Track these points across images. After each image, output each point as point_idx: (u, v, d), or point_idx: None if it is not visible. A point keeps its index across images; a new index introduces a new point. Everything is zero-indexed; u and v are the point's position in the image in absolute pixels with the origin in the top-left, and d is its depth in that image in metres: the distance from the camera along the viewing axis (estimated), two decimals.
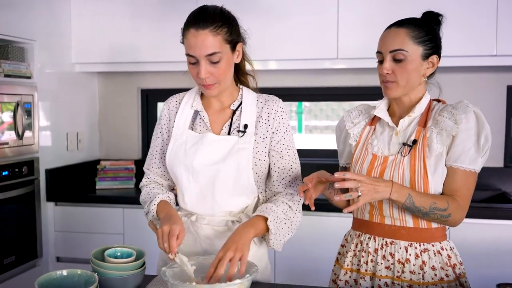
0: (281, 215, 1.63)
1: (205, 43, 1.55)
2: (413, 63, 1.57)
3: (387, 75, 1.59)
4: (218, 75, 1.60)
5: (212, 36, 1.56)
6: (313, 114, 4.81)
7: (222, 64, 1.60)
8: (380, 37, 1.63)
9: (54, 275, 1.42)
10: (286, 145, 1.71)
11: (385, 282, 1.60)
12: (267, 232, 1.61)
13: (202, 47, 1.56)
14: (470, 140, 1.54)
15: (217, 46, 1.57)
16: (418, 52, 1.57)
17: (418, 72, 1.59)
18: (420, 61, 1.58)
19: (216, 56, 1.57)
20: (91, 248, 3.03)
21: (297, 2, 3.03)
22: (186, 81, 3.77)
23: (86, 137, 3.56)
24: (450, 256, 1.60)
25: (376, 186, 1.48)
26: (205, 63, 1.58)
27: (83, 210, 3.10)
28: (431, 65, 1.61)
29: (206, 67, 1.58)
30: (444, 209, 1.52)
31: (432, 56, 1.60)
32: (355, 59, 3.00)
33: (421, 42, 1.57)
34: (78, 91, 3.47)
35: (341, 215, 2.73)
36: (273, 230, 1.60)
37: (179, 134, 1.72)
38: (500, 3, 2.81)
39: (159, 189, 1.79)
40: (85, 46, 3.32)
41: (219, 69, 1.60)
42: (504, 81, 3.24)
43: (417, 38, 1.57)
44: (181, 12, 3.18)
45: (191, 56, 1.59)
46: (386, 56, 1.59)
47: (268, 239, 1.63)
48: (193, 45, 1.57)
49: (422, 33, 1.58)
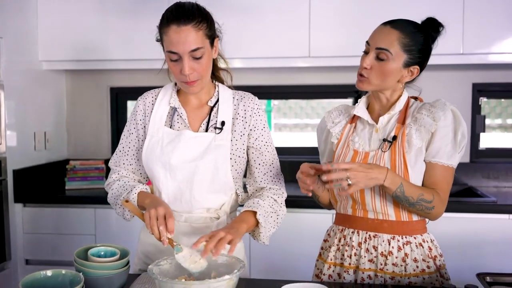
0: (268, 209, 1.66)
1: (188, 39, 1.54)
2: (393, 67, 1.60)
3: (365, 70, 1.63)
4: (201, 70, 1.60)
5: (195, 31, 1.55)
6: (282, 112, 4.83)
7: (204, 60, 1.60)
8: (374, 29, 1.65)
9: (38, 276, 1.38)
10: (265, 141, 1.73)
11: (368, 275, 1.63)
12: (256, 226, 1.63)
13: (186, 43, 1.54)
14: (448, 137, 1.59)
15: (200, 41, 1.56)
16: (401, 58, 1.59)
17: (395, 76, 1.62)
18: (400, 67, 1.61)
19: (199, 51, 1.57)
20: (62, 250, 3.01)
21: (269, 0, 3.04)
22: (157, 79, 3.73)
23: (54, 136, 3.48)
24: (431, 248, 1.65)
25: (368, 173, 1.49)
26: (188, 59, 1.57)
27: (53, 211, 3.03)
28: (410, 74, 1.64)
29: (189, 63, 1.57)
30: (430, 201, 1.57)
31: (414, 66, 1.62)
32: (327, 58, 3.04)
33: (408, 51, 1.59)
34: (45, 89, 3.39)
35: (316, 211, 2.77)
36: (263, 224, 1.62)
37: (155, 131, 1.71)
38: (467, 2, 2.89)
39: (135, 182, 1.75)
40: (52, 43, 3.24)
41: (201, 65, 1.59)
42: (470, 79, 3.34)
43: (406, 46, 1.58)
44: (151, 9, 3.17)
45: (173, 53, 1.57)
46: (372, 50, 1.62)
47: (258, 233, 1.65)
48: (175, 41, 1.55)
49: (413, 42, 1.59)
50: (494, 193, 3.08)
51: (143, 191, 1.67)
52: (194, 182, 1.66)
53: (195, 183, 1.66)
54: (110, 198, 1.78)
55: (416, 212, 1.62)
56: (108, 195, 1.78)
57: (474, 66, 3.18)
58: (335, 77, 3.44)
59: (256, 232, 1.66)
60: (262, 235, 1.65)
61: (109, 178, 1.81)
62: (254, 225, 1.62)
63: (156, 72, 1.80)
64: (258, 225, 1.63)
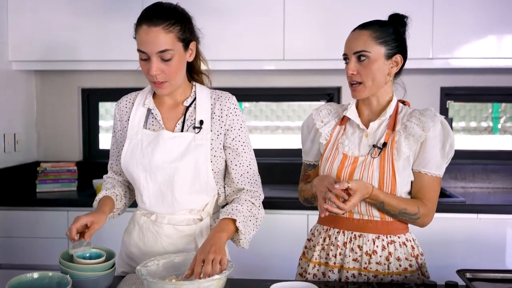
0: (247, 214, 1.65)
1: (156, 40, 1.55)
2: (377, 63, 1.64)
3: (353, 76, 1.66)
4: (169, 73, 1.60)
5: (164, 33, 1.56)
6: (253, 115, 4.86)
7: (174, 62, 1.60)
8: (346, 39, 1.70)
9: (24, 278, 1.37)
10: (242, 142, 1.73)
11: (352, 274, 1.66)
12: (236, 232, 1.63)
13: (154, 44, 1.55)
14: (437, 148, 1.64)
15: (169, 43, 1.57)
16: (381, 52, 1.64)
17: (383, 71, 1.66)
18: (383, 61, 1.65)
19: (168, 53, 1.57)
20: (34, 254, 2.95)
21: (243, 2, 3.05)
22: (129, 80, 3.72)
23: (24, 138, 3.40)
24: (413, 247, 1.70)
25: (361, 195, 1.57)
26: (157, 60, 1.57)
27: (24, 214, 2.96)
28: (395, 64, 1.68)
29: (157, 64, 1.58)
30: (414, 213, 1.63)
31: (396, 55, 1.67)
32: (301, 60, 3.07)
33: (383, 43, 1.64)
34: (15, 90, 3.31)
35: (292, 212, 2.80)
36: (243, 231, 1.62)
37: (134, 134, 1.72)
38: (436, 7, 2.98)
39: (110, 184, 1.81)
40: (22, 43, 3.17)
41: (170, 67, 1.60)
42: (438, 83, 3.43)
43: (379, 38, 1.64)
44: (124, 10, 3.14)
45: (142, 52, 1.58)
46: (351, 58, 1.65)
47: (238, 239, 1.64)
48: (144, 41, 1.56)
49: (384, 34, 1.64)
50: (462, 193, 3.18)
51: (105, 197, 1.72)
52: (175, 183, 1.65)
53: (176, 184, 1.65)
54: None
55: (401, 221, 1.67)
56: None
57: (442, 71, 3.27)
58: (308, 80, 3.48)
59: (236, 238, 1.65)
60: (242, 241, 1.65)
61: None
62: (233, 232, 1.61)
63: (127, 73, 1.80)
64: (238, 232, 1.62)
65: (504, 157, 3.52)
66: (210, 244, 1.49)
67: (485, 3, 2.97)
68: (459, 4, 2.98)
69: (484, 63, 3.03)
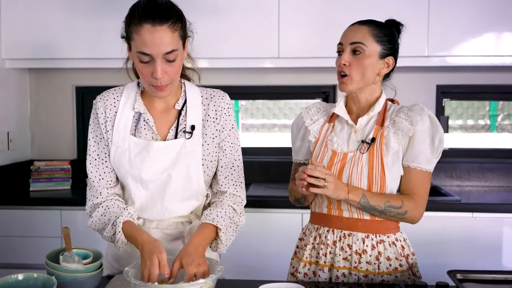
0: (227, 220, 1.60)
1: (163, 41, 1.42)
2: (370, 59, 1.64)
3: (344, 67, 1.65)
4: (173, 74, 1.50)
5: (171, 32, 1.44)
6: (249, 113, 4.84)
7: (177, 63, 1.49)
8: (344, 31, 1.71)
9: (9, 280, 1.35)
10: (231, 142, 1.67)
11: (342, 273, 1.65)
12: (215, 239, 1.59)
13: (161, 45, 1.42)
14: (425, 142, 1.64)
15: (175, 43, 1.45)
16: (376, 50, 1.65)
17: (374, 69, 1.66)
18: (377, 59, 1.65)
19: (173, 54, 1.46)
20: (27, 253, 2.93)
21: (238, 1, 3.03)
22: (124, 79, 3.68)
23: (18, 136, 3.39)
24: (403, 247, 1.69)
25: (337, 184, 1.57)
26: (162, 62, 1.45)
27: (17, 213, 2.95)
28: (387, 65, 1.69)
29: (162, 66, 1.46)
30: (399, 206, 1.61)
31: (388, 57, 1.68)
32: (296, 58, 3.05)
33: (380, 42, 1.65)
34: (8, 88, 3.29)
35: (285, 211, 2.78)
36: (223, 239, 1.58)
37: (120, 140, 1.59)
38: (432, 5, 2.96)
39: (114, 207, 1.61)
40: (16, 41, 3.15)
41: (174, 68, 1.49)
42: (434, 81, 3.41)
43: (377, 36, 1.65)
44: (118, 7, 3.09)
45: (145, 55, 1.44)
46: (346, 48, 1.66)
47: (217, 247, 1.60)
48: (149, 42, 1.42)
49: (382, 34, 1.66)
50: (457, 192, 3.16)
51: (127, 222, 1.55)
52: (166, 192, 1.60)
53: (166, 193, 1.60)
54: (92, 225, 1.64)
55: (391, 219, 1.65)
56: (89, 221, 1.64)
57: (438, 68, 3.26)
58: (303, 78, 3.47)
59: (214, 245, 1.61)
60: (220, 249, 1.61)
61: (88, 201, 1.65)
62: (213, 237, 1.57)
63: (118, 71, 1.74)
64: (218, 240, 1.58)
65: (500, 156, 3.50)
66: (189, 254, 1.44)
67: (481, 0, 2.95)
68: (455, 2, 2.96)
69: (480, 61, 3.01)
